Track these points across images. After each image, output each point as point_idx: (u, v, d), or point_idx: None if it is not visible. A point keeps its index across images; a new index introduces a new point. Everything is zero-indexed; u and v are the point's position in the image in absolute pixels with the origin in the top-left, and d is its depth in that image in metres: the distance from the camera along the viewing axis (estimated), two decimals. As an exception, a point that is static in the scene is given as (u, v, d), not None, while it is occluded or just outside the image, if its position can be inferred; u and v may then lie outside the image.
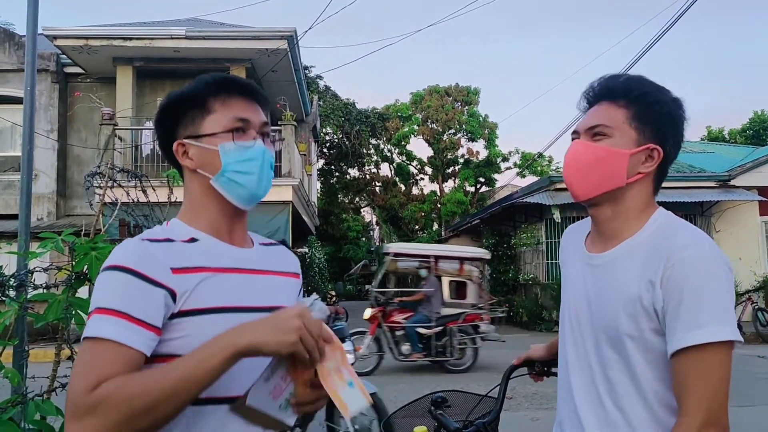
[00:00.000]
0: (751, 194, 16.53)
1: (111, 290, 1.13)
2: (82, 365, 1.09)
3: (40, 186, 15.50)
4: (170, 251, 1.20)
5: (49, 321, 1.68)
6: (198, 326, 1.17)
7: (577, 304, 1.53)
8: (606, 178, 1.42)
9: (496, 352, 12.45)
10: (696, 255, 1.31)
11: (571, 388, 1.51)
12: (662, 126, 1.43)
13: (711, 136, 37.65)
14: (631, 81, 1.46)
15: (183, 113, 1.31)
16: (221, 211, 1.31)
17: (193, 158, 1.30)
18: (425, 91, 35.84)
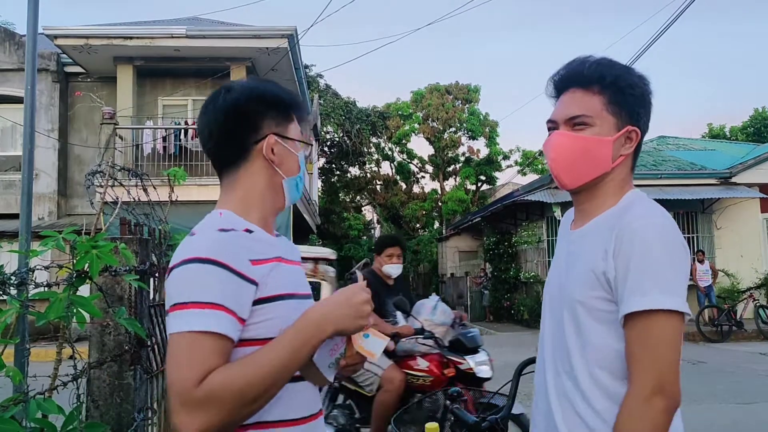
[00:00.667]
0: (753, 191, 16.51)
1: (205, 283, 1.18)
2: (184, 358, 1.14)
3: (41, 185, 15.50)
4: (245, 243, 1.28)
5: (50, 319, 1.68)
6: (277, 311, 1.27)
7: (554, 278, 1.59)
8: (593, 166, 1.46)
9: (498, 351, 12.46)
10: (645, 226, 1.34)
11: (543, 359, 1.56)
12: (636, 107, 1.47)
13: (712, 134, 37.59)
14: (602, 66, 1.49)
15: (273, 110, 1.39)
16: (274, 207, 1.43)
17: (276, 154, 1.39)
18: (426, 90, 35.77)
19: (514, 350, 11.38)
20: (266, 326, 1.26)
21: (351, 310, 1.25)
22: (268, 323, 1.26)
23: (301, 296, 1.36)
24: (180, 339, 1.16)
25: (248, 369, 1.15)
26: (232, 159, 1.38)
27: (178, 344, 1.16)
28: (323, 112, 28.10)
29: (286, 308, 1.28)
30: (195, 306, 1.16)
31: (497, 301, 19.74)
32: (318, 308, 1.26)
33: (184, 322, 1.16)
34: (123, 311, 1.97)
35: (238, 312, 1.20)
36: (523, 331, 16.41)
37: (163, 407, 2.73)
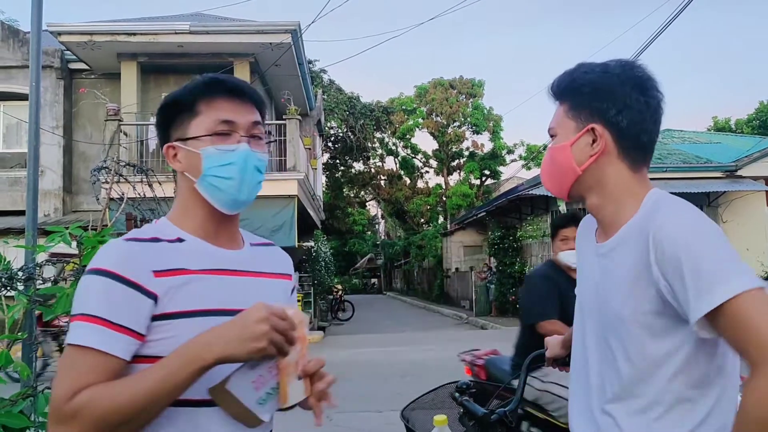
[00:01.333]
0: (759, 184, 16.44)
1: (93, 296, 1.14)
2: (64, 372, 1.11)
3: (46, 182, 15.55)
4: (154, 252, 1.20)
5: (57, 314, 1.69)
6: (180, 329, 1.16)
7: (587, 294, 1.53)
8: (561, 174, 1.47)
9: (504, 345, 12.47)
10: (678, 226, 1.28)
11: (582, 377, 1.52)
12: (595, 103, 1.40)
13: (717, 126, 37.47)
14: (562, 75, 1.50)
15: (175, 115, 1.31)
16: (207, 214, 1.30)
17: (181, 161, 1.29)
18: (429, 84, 35.75)
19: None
20: (166, 344, 1.15)
21: (241, 331, 1.10)
22: (168, 341, 1.16)
23: (228, 312, 1.20)
24: (65, 352, 1.13)
25: (118, 390, 1.08)
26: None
27: (63, 358, 1.14)
28: (327, 107, 28.09)
29: (192, 326, 1.16)
30: (80, 318, 1.13)
31: (502, 296, 19.75)
32: (207, 331, 1.13)
33: (71, 334, 1.13)
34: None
35: (131, 326, 1.13)
36: (529, 326, 16.38)
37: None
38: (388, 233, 51.01)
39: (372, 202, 44.91)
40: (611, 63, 1.45)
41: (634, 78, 1.41)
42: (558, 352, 2.05)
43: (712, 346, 1.34)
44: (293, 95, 15.97)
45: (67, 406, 1.07)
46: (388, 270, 56.35)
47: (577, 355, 1.58)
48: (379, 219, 53.03)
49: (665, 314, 1.31)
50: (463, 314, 21.37)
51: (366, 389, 7.98)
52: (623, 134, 1.40)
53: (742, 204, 16.78)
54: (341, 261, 40.67)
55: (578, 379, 1.56)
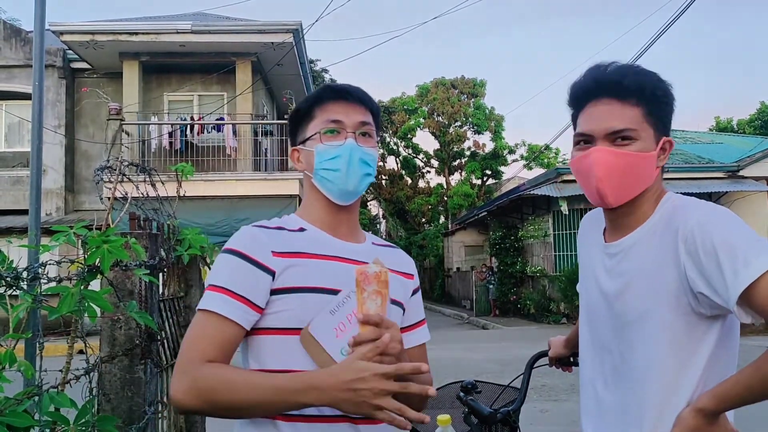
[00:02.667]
0: (760, 185, 16.45)
1: (221, 270, 1.32)
2: (194, 334, 1.28)
3: (49, 181, 15.57)
4: (277, 237, 1.36)
5: (62, 314, 1.69)
6: (291, 303, 1.30)
7: (596, 293, 1.53)
8: (640, 182, 1.41)
9: (505, 345, 12.49)
10: (705, 213, 1.33)
11: (594, 376, 1.52)
12: (668, 116, 1.44)
13: (719, 127, 37.41)
14: (639, 75, 1.42)
15: (297, 123, 1.49)
16: (325, 207, 1.45)
17: (302, 161, 1.47)
18: (431, 84, 35.71)
19: (522, 344, 11.38)
20: (281, 317, 1.30)
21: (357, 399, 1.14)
22: (283, 314, 1.30)
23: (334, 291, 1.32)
24: (196, 316, 1.30)
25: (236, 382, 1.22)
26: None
27: (194, 321, 1.31)
28: (329, 107, 28.11)
29: (303, 301, 1.30)
30: (210, 288, 1.30)
31: (504, 296, 19.75)
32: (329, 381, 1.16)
33: (202, 300, 1.29)
34: (134, 305, 1.98)
35: (251, 298, 1.28)
36: (530, 325, 16.41)
37: (173, 401, 2.74)
38: (389, 233, 50.99)
39: (373, 202, 44.87)
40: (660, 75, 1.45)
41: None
42: (561, 352, 2.05)
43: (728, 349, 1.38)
44: (295, 95, 15.98)
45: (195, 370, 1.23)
46: (389, 269, 56.18)
47: (586, 352, 1.58)
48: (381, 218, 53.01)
49: (687, 308, 1.33)
50: (464, 314, 21.38)
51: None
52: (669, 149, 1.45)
53: (744, 204, 16.76)
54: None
55: (587, 374, 1.57)
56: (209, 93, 15.75)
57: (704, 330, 1.35)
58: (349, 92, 1.46)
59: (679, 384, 1.35)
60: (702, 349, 1.35)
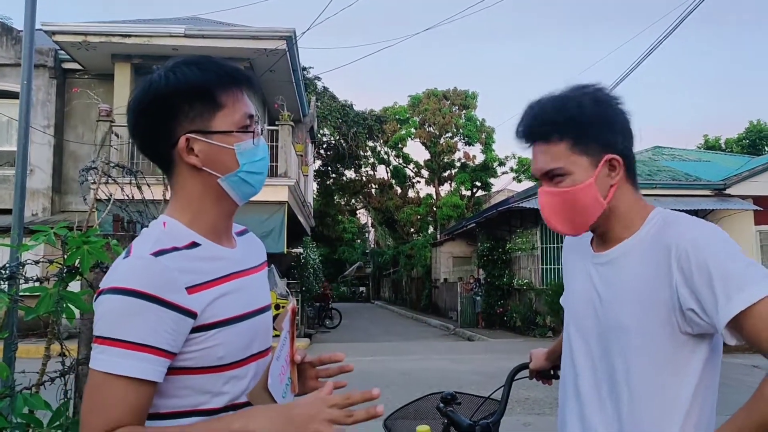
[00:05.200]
0: (747, 203, 16.57)
1: (133, 320, 1.07)
2: (95, 401, 1.06)
3: (36, 181, 15.45)
4: (180, 264, 1.14)
5: (40, 314, 1.67)
6: (215, 339, 1.15)
7: (582, 304, 1.52)
8: (586, 213, 1.42)
9: (491, 357, 12.49)
10: (701, 235, 1.32)
11: (578, 390, 1.51)
12: (602, 136, 1.41)
13: (708, 145, 37.76)
14: (549, 113, 1.43)
15: (187, 104, 1.20)
16: (221, 211, 1.26)
17: (199, 155, 1.21)
18: (423, 95, 35.81)
19: (507, 357, 11.38)
20: (202, 354, 1.15)
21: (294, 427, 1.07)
22: (204, 351, 1.15)
23: (252, 314, 1.24)
24: (97, 378, 1.07)
25: None
26: (158, 163, 1.26)
27: (94, 383, 1.07)
28: (320, 114, 28.11)
29: (227, 335, 1.17)
30: (120, 345, 1.06)
31: (490, 308, 19.75)
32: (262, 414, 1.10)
33: (106, 361, 1.06)
34: (113, 308, 1.96)
35: (170, 348, 1.10)
36: (516, 338, 16.41)
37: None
38: (377, 242, 50.94)
39: (362, 211, 44.87)
40: (591, 93, 1.43)
41: (616, 102, 1.44)
42: (542, 364, 2.05)
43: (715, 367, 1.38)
44: (286, 101, 15.98)
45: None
46: (376, 279, 56.24)
47: (567, 365, 1.57)
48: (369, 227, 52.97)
49: (674, 326, 1.33)
50: (451, 325, 21.36)
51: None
52: (629, 160, 1.44)
53: (730, 222, 16.89)
54: (330, 268, 40.59)
55: (569, 388, 1.55)
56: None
57: (692, 348, 1.34)
58: (250, 80, 1.29)
59: (666, 401, 1.34)
60: (690, 368, 1.34)
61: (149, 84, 1.22)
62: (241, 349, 1.21)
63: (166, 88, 1.20)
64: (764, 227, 17.07)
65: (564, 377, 1.60)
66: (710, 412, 1.37)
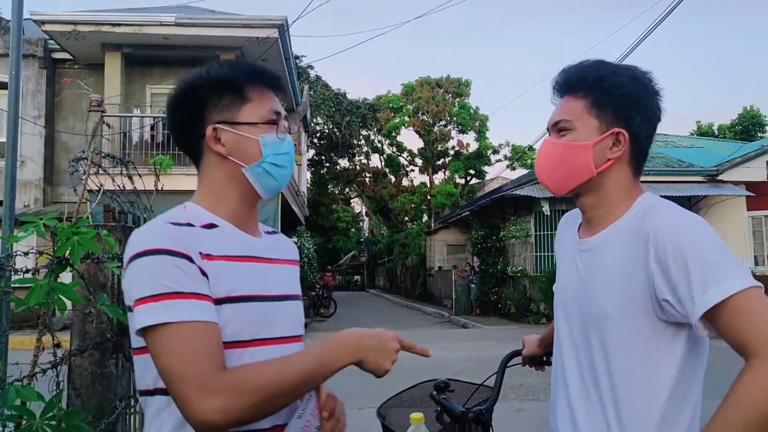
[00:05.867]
0: (739, 189, 16.65)
1: (164, 273, 1.11)
2: (192, 349, 1.08)
3: (27, 173, 15.36)
4: (194, 235, 1.20)
5: (30, 306, 1.66)
6: (228, 315, 1.18)
7: (568, 290, 1.53)
8: (574, 172, 1.43)
9: (485, 344, 12.54)
10: (681, 224, 1.30)
11: (565, 376, 1.51)
12: (623, 108, 1.40)
13: (700, 131, 37.84)
14: (586, 69, 1.45)
15: (216, 96, 1.29)
16: (243, 199, 1.32)
17: (225, 144, 1.28)
18: (416, 83, 35.73)
19: (501, 344, 11.42)
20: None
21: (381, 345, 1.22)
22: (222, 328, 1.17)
23: (271, 298, 1.28)
24: (168, 333, 1.08)
25: (275, 370, 1.12)
26: (190, 153, 1.35)
27: (173, 338, 1.08)
28: (313, 103, 28.01)
29: (240, 312, 1.20)
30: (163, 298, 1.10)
31: (484, 295, 19.82)
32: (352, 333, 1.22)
33: (158, 313, 1.09)
34: (105, 298, 1.95)
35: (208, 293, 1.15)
36: (510, 325, 16.48)
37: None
38: (372, 230, 50.99)
39: (357, 200, 44.86)
40: (634, 69, 1.45)
41: (655, 91, 1.44)
42: (534, 351, 2.05)
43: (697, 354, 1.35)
44: (279, 90, 15.87)
45: (222, 377, 1.07)
46: (371, 267, 56.33)
47: (556, 352, 1.58)
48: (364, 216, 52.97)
49: (652, 314, 1.32)
50: (445, 312, 21.42)
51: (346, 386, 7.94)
52: (639, 143, 1.43)
53: (723, 208, 16.97)
54: (325, 257, 40.55)
55: (558, 375, 1.56)
56: (193, 86, 15.61)
57: (672, 335, 1.33)
58: (280, 81, 1.37)
59: (649, 389, 1.34)
60: (672, 355, 1.33)
61: (184, 80, 1.32)
62: (254, 329, 1.23)
63: (198, 81, 1.30)
64: (757, 213, 17.16)
65: (554, 364, 1.61)
66: (695, 400, 1.36)
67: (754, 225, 17.30)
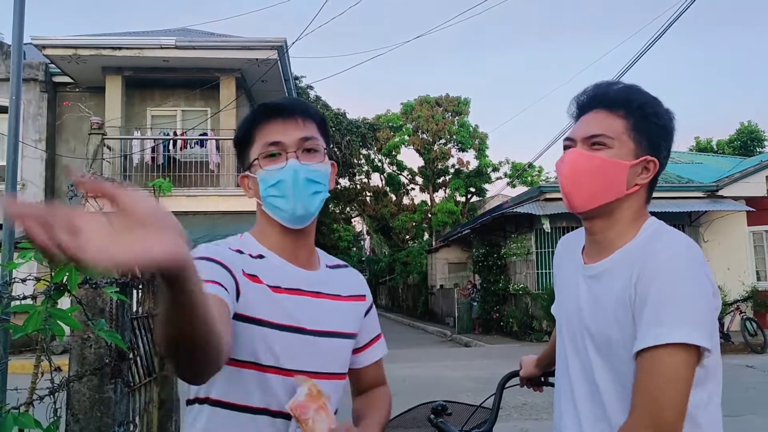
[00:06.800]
0: (739, 204, 16.63)
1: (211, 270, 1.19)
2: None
3: (28, 196, 15.36)
4: (240, 258, 1.30)
5: (28, 332, 1.66)
6: (246, 333, 1.23)
7: (574, 314, 1.51)
8: (606, 189, 1.40)
9: (487, 363, 12.47)
10: (670, 257, 1.30)
11: (575, 404, 1.48)
12: (658, 138, 1.43)
13: (699, 147, 37.88)
14: (631, 91, 1.46)
15: (243, 149, 1.41)
16: (281, 232, 1.37)
17: (251, 188, 1.40)
18: (416, 102, 35.87)
19: (504, 362, 11.34)
20: (237, 345, 1.23)
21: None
22: (239, 342, 1.23)
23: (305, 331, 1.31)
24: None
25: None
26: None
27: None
28: (313, 123, 28.09)
29: (261, 335, 1.25)
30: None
31: (486, 313, 19.73)
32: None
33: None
34: (103, 323, 1.95)
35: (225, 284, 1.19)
36: (512, 343, 16.40)
37: (145, 421, 2.70)
38: (373, 249, 50.91)
39: (358, 218, 44.83)
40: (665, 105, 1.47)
41: (675, 129, 1.48)
42: (532, 372, 2.04)
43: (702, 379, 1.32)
44: (279, 111, 15.93)
45: None
46: (373, 286, 56.04)
47: (562, 376, 1.55)
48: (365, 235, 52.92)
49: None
50: (447, 331, 21.32)
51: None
52: (659, 174, 1.46)
53: (723, 223, 16.95)
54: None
55: (564, 400, 1.53)
56: (193, 108, 15.70)
57: None
58: (285, 108, 1.38)
59: None
60: None
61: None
62: (270, 355, 1.26)
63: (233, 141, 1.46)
64: (757, 228, 17.14)
65: (560, 386, 1.58)
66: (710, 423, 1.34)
67: (755, 240, 17.26)
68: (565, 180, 1.43)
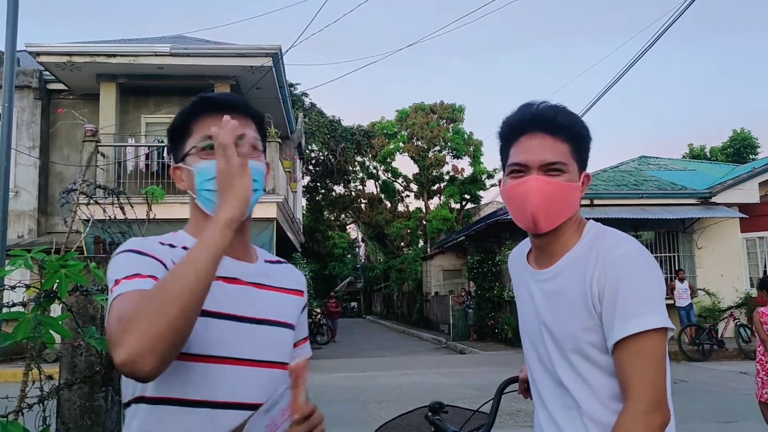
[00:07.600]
0: (732, 211, 16.69)
1: (123, 265, 1.20)
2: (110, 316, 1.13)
3: (21, 203, 15.34)
4: (170, 252, 1.28)
5: (17, 340, 1.65)
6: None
7: (532, 321, 1.60)
8: (565, 209, 1.51)
9: (482, 369, 12.45)
10: (625, 253, 1.42)
11: (544, 404, 1.57)
12: (586, 153, 1.56)
13: (692, 154, 38.06)
14: (568, 114, 1.54)
15: (177, 139, 1.38)
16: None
17: (183, 179, 1.37)
18: (410, 109, 35.92)
19: (499, 369, 11.35)
20: None
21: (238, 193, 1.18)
22: None
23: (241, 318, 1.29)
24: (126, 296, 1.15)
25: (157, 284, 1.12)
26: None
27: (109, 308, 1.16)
28: (308, 130, 28.12)
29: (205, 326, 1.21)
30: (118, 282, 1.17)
31: (481, 320, 19.72)
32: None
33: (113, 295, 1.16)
34: (93, 331, 1.94)
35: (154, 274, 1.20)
36: (507, 350, 16.39)
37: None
38: (368, 256, 50.88)
39: (352, 226, 44.83)
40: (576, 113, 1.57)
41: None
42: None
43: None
44: (273, 118, 15.97)
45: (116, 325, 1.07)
46: (368, 293, 56.10)
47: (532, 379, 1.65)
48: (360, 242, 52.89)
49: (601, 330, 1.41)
50: (442, 338, 21.30)
51: (343, 414, 7.89)
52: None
53: (716, 230, 17.01)
54: (321, 284, 40.42)
55: (534, 393, 1.64)
56: (187, 115, 15.67)
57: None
58: (225, 103, 1.36)
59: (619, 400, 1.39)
60: None
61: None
62: (207, 344, 1.23)
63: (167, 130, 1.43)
64: (750, 234, 17.19)
65: (533, 390, 1.67)
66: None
67: (749, 246, 17.31)
68: (535, 207, 1.48)
